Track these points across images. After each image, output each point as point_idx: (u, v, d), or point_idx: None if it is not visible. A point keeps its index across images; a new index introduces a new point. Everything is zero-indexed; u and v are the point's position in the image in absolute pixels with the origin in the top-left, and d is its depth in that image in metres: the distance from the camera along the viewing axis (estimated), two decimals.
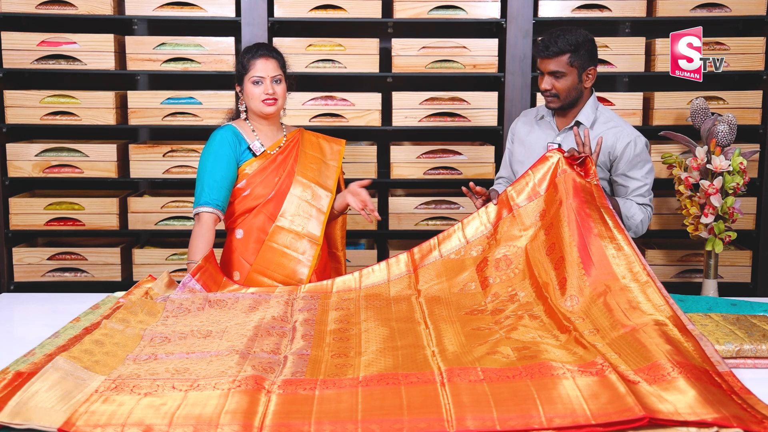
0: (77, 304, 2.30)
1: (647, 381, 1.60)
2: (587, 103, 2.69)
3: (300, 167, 2.65)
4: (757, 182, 3.66)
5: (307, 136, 2.76)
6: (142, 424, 1.47)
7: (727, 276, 3.64)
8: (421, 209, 3.72)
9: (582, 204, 2.22)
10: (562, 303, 2.06)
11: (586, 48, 2.62)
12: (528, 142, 2.80)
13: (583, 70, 2.63)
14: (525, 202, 2.41)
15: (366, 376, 1.69)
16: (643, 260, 2.06)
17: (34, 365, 1.75)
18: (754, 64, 3.61)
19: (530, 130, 2.82)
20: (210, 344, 1.91)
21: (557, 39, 2.58)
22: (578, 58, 2.60)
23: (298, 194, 2.62)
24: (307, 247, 2.61)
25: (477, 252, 2.42)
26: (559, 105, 2.66)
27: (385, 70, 3.71)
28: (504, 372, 1.66)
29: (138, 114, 3.62)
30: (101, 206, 3.65)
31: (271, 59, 2.60)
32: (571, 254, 2.13)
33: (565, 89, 2.62)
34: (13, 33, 3.57)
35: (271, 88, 2.58)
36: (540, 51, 2.62)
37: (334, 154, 2.75)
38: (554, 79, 2.61)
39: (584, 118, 2.68)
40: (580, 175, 2.33)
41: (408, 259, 2.46)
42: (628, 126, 2.71)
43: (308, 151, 2.71)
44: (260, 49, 2.61)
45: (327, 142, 2.78)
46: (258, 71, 2.57)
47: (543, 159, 2.43)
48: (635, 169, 2.65)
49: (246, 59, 2.60)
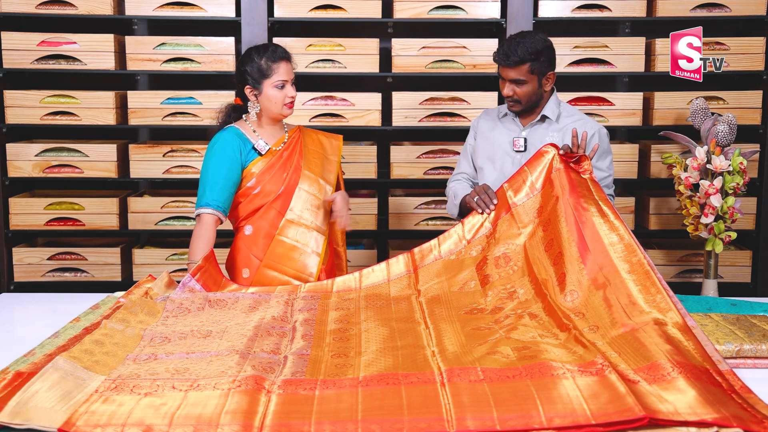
0: (77, 304, 2.31)
1: (647, 381, 1.60)
2: (550, 99, 2.76)
3: (306, 162, 2.67)
4: (757, 182, 3.66)
5: (307, 132, 2.77)
6: (142, 424, 1.47)
7: (727, 276, 3.64)
8: (421, 209, 3.72)
9: (578, 198, 2.22)
10: (562, 299, 2.05)
11: (546, 55, 2.67)
12: (492, 137, 2.83)
13: (543, 75, 2.69)
14: (522, 199, 2.42)
15: (366, 376, 1.69)
16: (643, 251, 2.04)
17: (34, 365, 1.75)
18: (754, 64, 3.61)
19: (493, 126, 2.85)
20: (210, 344, 1.91)
21: (517, 47, 2.62)
22: (539, 66, 2.66)
23: (306, 188, 2.64)
24: (316, 239, 2.63)
25: (476, 252, 2.42)
26: (520, 109, 2.73)
27: (385, 70, 3.71)
28: (504, 372, 1.66)
29: (138, 114, 3.62)
30: (101, 206, 3.65)
31: (289, 62, 2.61)
32: (569, 249, 2.13)
33: (526, 95, 2.69)
34: (13, 33, 3.57)
35: (292, 91, 2.60)
36: (501, 59, 2.66)
37: (334, 149, 2.77)
38: (515, 85, 2.67)
39: (549, 112, 2.75)
40: (576, 171, 2.34)
41: (408, 260, 2.46)
42: (591, 119, 2.79)
43: (311, 146, 2.72)
44: (278, 50, 2.60)
45: (326, 138, 2.80)
46: (282, 75, 2.57)
47: (539, 155, 2.44)
48: (600, 161, 2.72)
49: (266, 63, 2.56)
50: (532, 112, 2.76)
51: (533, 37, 2.66)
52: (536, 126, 2.76)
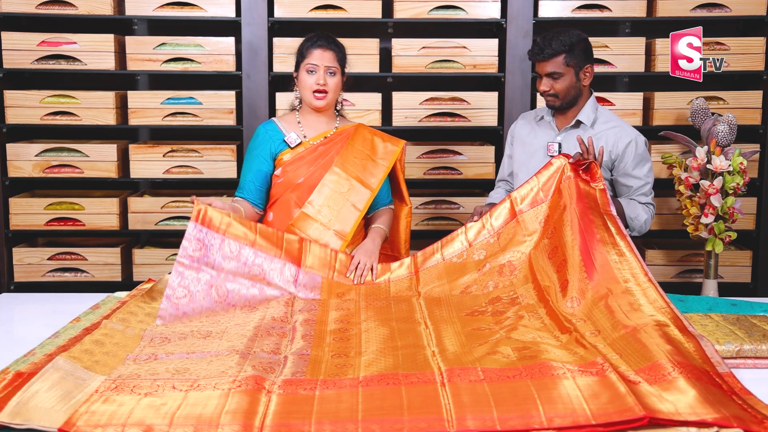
0: (77, 304, 2.31)
1: (648, 381, 1.60)
2: (587, 103, 2.72)
3: (340, 159, 2.61)
4: (757, 182, 3.66)
5: (362, 131, 2.71)
6: (142, 424, 1.47)
7: (727, 276, 3.64)
8: (421, 209, 3.72)
9: (585, 209, 2.22)
10: (563, 305, 2.06)
11: (580, 47, 2.65)
12: (528, 142, 2.81)
13: (580, 68, 2.66)
14: (528, 207, 2.42)
15: (366, 376, 1.69)
16: (645, 266, 2.07)
17: (34, 365, 1.75)
18: (754, 64, 3.60)
19: (530, 130, 2.83)
20: (210, 344, 1.91)
21: (551, 41, 2.62)
22: (573, 58, 2.63)
23: (331, 185, 2.57)
24: (332, 241, 2.53)
25: (480, 256, 2.42)
26: (559, 104, 2.69)
27: (385, 70, 3.71)
28: (504, 372, 1.66)
29: (138, 114, 3.62)
30: (101, 206, 3.64)
31: (328, 50, 2.59)
32: (573, 256, 2.14)
33: (563, 89, 2.65)
34: (13, 33, 3.57)
35: (323, 78, 2.57)
36: (536, 54, 2.65)
37: (388, 153, 2.66)
38: (552, 80, 2.65)
39: (585, 118, 2.70)
40: (585, 180, 2.34)
41: (410, 262, 2.47)
42: (628, 126, 2.74)
43: (357, 146, 2.65)
44: (320, 39, 2.61)
45: (382, 141, 2.71)
46: (314, 59, 2.56)
47: (548, 165, 2.44)
48: (637, 169, 2.68)
49: (305, 47, 2.60)
50: (568, 114, 2.73)
51: (567, 31, 2.65)
52: (571, 131, 2.72)
